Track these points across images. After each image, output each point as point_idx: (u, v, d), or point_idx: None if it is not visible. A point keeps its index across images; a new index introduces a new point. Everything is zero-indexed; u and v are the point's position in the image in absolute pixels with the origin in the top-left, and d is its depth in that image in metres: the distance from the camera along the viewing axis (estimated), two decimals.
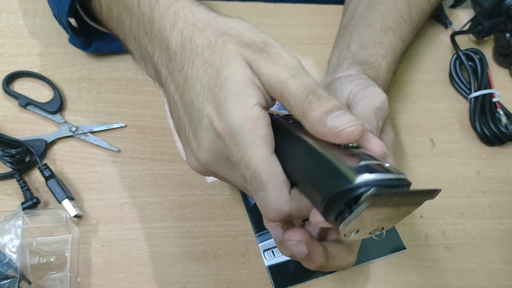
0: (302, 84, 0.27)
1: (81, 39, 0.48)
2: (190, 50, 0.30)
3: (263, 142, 0.28)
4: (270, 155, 0.28)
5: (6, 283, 0.35)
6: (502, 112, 0.56)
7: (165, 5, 0.32)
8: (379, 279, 0.45)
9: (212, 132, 0.29)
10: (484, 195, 0.52)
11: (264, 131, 0.28)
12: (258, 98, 0.28)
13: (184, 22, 0.31)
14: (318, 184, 0.26)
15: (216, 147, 0.29)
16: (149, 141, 0.48)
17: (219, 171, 0.32)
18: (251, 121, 0.27)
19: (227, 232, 0.44)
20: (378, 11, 0.50)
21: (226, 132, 0.28)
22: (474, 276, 0.47)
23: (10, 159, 0.42)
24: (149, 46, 0.34)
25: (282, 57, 0.28)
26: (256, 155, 0.28)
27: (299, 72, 0.28)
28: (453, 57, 0.59)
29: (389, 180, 0.23)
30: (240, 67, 0.28)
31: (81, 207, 0.43)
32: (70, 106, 0.48)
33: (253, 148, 0.28)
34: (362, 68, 0.43)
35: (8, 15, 0.52)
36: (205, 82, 0.29)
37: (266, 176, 0.28)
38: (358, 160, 0.24)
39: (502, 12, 0.58)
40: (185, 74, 0.30)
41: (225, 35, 0.29)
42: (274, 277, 0.43)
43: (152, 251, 0.42)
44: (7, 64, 0.49)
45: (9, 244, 0.37)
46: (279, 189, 0.28)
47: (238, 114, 0.27)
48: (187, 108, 0.31)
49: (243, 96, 0.28)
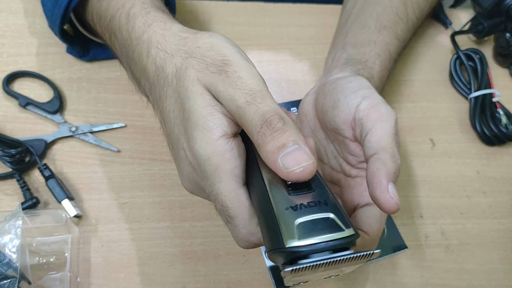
0: (258, 113, 0.26)
1: (78, 48, 0.49)
2: (164, 80, 0.31)
3: (230, 176, 0.28)
4: (238, 189, 0.28)
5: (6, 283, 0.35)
6: (502, 112, 0.56)
7: (139, 32, 0.33)
8: (379, 279, 0.45)
9: (188, 164, 0.30)
10: (484, 195, 0.52)
11: (231, 164, 0.27)
12: (223, 128, 0.27)
13: (157, 49, 0.31)
14: (264, 235, 0.27)
15: (193, 178, 0.30)
16: (148, 141, 0.48)
17: (200, 195, 0.33)
18: (216, 156, 0.27)
19: (227, 232, 0.44)
20: (373, 10, 0.50)
21: (196, 165, 0.28)
22: (474, 276, 0.47)
23: (10, 159, 0.42)
24: (135, 71, 0.35)
25: (240, 78, 0.27)
26: (223, 190, 0.28)
27: (255, 97, 0.26)
28: (453, 57, 0.59)
29: (322, 243, 0.23)
30: (198, 96, 0.28)
31: (81, 207, 0.43)
32: (70, 106, 0.48)
33: (220, 183, 0.28)
34: (355, 69, 0.43)
35: (8, 15, 0.52)
36: (177, 113, 0.29)
37: (233, 211, 0.28)
38: (297, 215, 0.24)
39: (502, 12, 0.58)
40: (162, 104, 0.31)
41: (189, 58, 0.29)
42: (276, 277, 0.43)
43: (151, 251, 0.42)
44: (7, 64, 0.49)
45: (9, 244, 0.37)
46: (247, 222, 0.28)
47: (204, 150, 0.27)
48: (169, 138, 0.32)
49: (207, 130, 0.27)
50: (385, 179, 0.29)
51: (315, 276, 0.25)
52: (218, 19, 0.58)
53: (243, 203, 0.28)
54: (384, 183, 0.29)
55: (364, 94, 0.36)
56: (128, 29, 0.34)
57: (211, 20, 0.57)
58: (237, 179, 0.28)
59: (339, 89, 0.38)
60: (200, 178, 0.29)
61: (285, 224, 0.24)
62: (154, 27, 0.33)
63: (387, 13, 0.49)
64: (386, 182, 0.29)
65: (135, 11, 0.35)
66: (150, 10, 0.35)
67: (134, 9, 0.35)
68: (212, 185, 0.28)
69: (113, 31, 0.37)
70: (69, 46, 0.49)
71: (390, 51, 0.48)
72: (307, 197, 0.26)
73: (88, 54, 0.50)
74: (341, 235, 0.23)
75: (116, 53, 0.40)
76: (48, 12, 0.44)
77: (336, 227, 0.24)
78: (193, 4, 0.58)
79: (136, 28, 0.34)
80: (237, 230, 0.29)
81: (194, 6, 0.58)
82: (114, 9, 0.37)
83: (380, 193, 0.29)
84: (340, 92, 0.38)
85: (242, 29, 0.58)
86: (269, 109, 0.26)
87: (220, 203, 0.28)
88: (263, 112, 0.26)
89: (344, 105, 0.36)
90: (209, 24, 0.57)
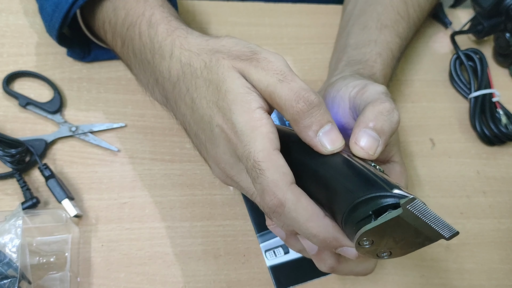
0: (291, 90, 0.29)
1: (78, 50, 0.49)
2: (191, 74, 0.33)
3: (264, 137, 0.29)
4: (272, 149, 0.29)
5: (6, 283, 0.35)
6: (502, 112, 0.56)
7: (163, 37, 0.36)
8: (379, 279, 0.45)
9: (223, 138, 0.31)
10: (484, 195, 0.52)
11: (265, 129, 0.29)
12: (259, 102, 0.30)
13: (181, 49, 0.34)
14: (348, 188, 0.27)
15: (228, 149, 0.31)
16: (149, 141, 0.48)
17: (234, 174, 0.33)
18: (253, 121, 0.29)
19: (227, 232, 0.44)
20: (374, 10, 0.50)
21: (233, 133, 0.30)
22: (474, 276, 0.47)
23: (10, 159, 0.42)
24: (153, 74, 0.37)
25: (270, 62, 0.30)
26: (256, 148, 0.29)
27: (286, 76, 0.29)
28: (453, 57, 0.59)
29: (421, 202, 0.24)
30: (236, 78, 0.30)
31: (81, 207, 0.43)
32: (70, 106, 0.48)
33: (255, 143, 0.29)
34: (355, 69, 0.43)
35: (8, 15, 0.52)
36: (209, 98, 0.32)
37: (265, 164, 0.29)
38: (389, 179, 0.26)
39: (502, 12, 0.58)
40: (191, 96, 0.33)
41: (217, 53, 0.32)
42: (276, 277, 0.43)
43: (152, 251, 0.42)
44: (7, 64, 0.49)
45: (9, 244, 0.37)
46: (278, 175, 0.28)
47: (242, 117, 0.29)
48: (199, 124, 0.33)
49: (245, 102, 0.30)
50: (359, 126, 0.31)
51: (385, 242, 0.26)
52: (218, 19, 0.58)
53: (275, 160, 0.29)
54: (356, 131, 0.31)
55: (354, 84, 0.37)
56: (150, 34, 0.37)
57: (211, 20, 0.57)
58: (272, 142, 0.29)
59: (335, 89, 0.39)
60: (234, 145, 0.30)
61: (384, 180, 0.26)
62: (177, 32, 0.36)
63: (388, 12, 0.50)
64: (358, 130, 0.31)
65: (157, 19, 0.37)
66: (171, 19, 0.37)
67: (155, 17, 0.37)
68: (247, 144, 0.29)
69: (130, 38, 0.39)
70: (69, 50, 0.49)
71: (392, 49, 0.48)
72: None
73: (90, 55, 0.50)
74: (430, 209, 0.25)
75: (126, 60, 0.42)
76: (47, 17, 0.44)
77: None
78: (193, 4, 0.58)
79: (159, 33, 0.36)
80: (266, 182, 0.28)
81: (194, 6, 0.58)
82: (134, 17, 0.38)
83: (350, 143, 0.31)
84: (334, 91, 0.38)
85: (242, 29, 0.57)
86: (302, 86, 0.29)
87: (252, 159, 0.29)
88: (297, 89, 0.29)
89: (339, 100, 0.37)
90: (209, 24, 0.57)
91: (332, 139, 0.29)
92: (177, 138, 0.48)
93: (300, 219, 0.28)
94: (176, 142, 0.48)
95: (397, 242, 0.26)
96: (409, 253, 0.28)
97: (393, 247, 0.27)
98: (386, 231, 0.25)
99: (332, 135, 0.29)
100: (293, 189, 0.28)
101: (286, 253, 0.44)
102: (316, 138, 0.29)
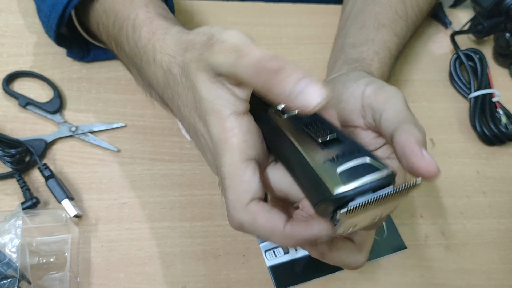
0: (249, 64, 0.26)
1: (77, 50, 0.49)
2: (173, 81, 0.32)
3: (235, 149, 0.28)
4: (240, 162, 0.28)
5: (6, 283, 0.35)
6: (502, 112, 0.56)
7: (145, 41, 0.35)
8: (379, 279, 0.45)
9: (208, 150, 0.31)
10: (484, 195, 0.52)
11: (238, 139, 0.28)
12: (230, 107, 0.29)
13: (161, 54, 0.33)
14: (307, 191, 0.28)
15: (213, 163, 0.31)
16: (148, 141, 0.48)
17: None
18: (225, 131, 0.28)
19: (227, 232, 0.44)
20: (372, 10, 0.50)
21: (212, 146, 0.30)
22: (474, 276, 0.47)
23: (10, 159, 0.42)
24: (145, 78, 0.37)
25: (223, 41, 0.28)
26: (225, 162, 0.29)
27: (241, 50, 0.27)
28: (453, 57, 0.59)
29: (366, 184, 0.24)
30: (204, 82, 0.29)
31: (81, 207, 0.43)
32: (70, 106, 0.48)
33: (225, 156, 0.29)
34: (352, 67, 0.43)
35: (8, 15, 0.52)
36: (190, 106, 0.31)
37: (228, 181, 0.28)
38: (336, 165, 0.26)
39: (502, 12, 0.58)
40: (177, 103, 0.33)
41: (186, 53, 0.31)
42: (276, 277, 0.43)
43: (152, 251, 0.42)
44: (7, 64, 0.49)
45: (9, 244, 0.37)
46: (238, 194, 0.28)
47: (216, 128, 0.29)
48: (190, 131, 0.33)
49: (217, 111, 0.29)
50: (417, 145, 0.29)
51: (364, 218, 0.26)
52: (218, 19, 0.58)
53: (240, 176, 0.28)
54: (418, 149, 0.28)
55: (366, 81, 0.36)
56: (134, 39, 0.36)
57: (211, 20, 0.57)
58: (242, 153, 0.28)
59: (339, 84, 0.38)
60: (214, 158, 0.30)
61: (328, 175, 0.25)
62: (157, 34, 0.34)
63: (386, 12, 0.50)
64: (420, 148, 0.29)
65: (140, 21, 0.36)
66: (154, 19, 0.36)
67: (138, 19, 0.37)
68: (219, 158, 0.29)
69: (120, 42, 0.39)
70: (69, 50, 0.49)
71: (390, 48, 0.48)
72: (340, 149, 0.27)
73: (89, 55, 0.50)
74: (381, 175, 0.25)
75: (123, 61, 0.42)
76: (45, 18, 0.44)
77: (374, 169, 0.25)
78: (193, 4, 0.58)
79: (142, 38, 0.35)
80: (227, 203, 0.29)
81: (194, 6, 0.58)
82: (121, 20, 0.38)
83: (418, 160, 0.28)
84: (341, 86, 0.38)
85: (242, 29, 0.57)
86: (258, 55, 0.26)
87: (221, 175, 0.29)
88: (254, 61, 0.26)
89: (349, 96, 0.36)
90: (209, 24, 0.57)
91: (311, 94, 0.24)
92: (177, 138, 0.48)
93: (261, 235, 0.29)
94: (176, 142, 0.48)
95: (373, 216, 0.27)
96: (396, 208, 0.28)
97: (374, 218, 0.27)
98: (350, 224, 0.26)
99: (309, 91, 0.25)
100: (249, 209, 0.28)
101: (286, 253, 0.44)
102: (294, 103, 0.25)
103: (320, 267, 0.44)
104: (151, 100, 0.38)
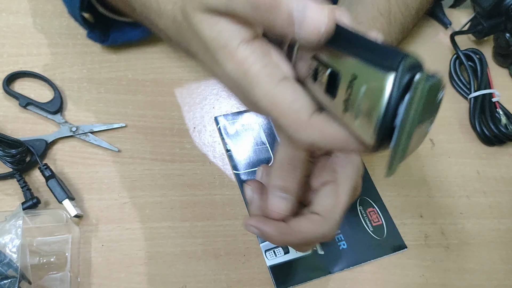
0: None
1: (98, 33, 0.50)
2: (181, 29, 0.32)
3: (259, 79, 0.26)
4: (274, 87, 0.26)
5: (7, 283, 0.35)
6: (501, 112, 0.56)
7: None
8: (379, 279, 0.45)
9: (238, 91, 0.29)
10: (484, 195, 0.52)
11: (256, 67, 0.26)
12: (236, 36, 0.26)
13: (164, 3, 0.34)
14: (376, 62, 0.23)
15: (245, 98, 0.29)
16: (149, 141, 0.48)
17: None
18: (240, 65, 0.26)
19: (228, 232, 0.44)
20: (354, 10, 0.50)
21: (234, 84, 0.28)
22: (474, 276, 0.47)
23: (11, 159, 0.42)
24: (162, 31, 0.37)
25: None
26: (258, 94, 0.26)
27: None
28: (453, 57, 0.60)
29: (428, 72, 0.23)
30: (201, 24, 0.27)
31: (82, 207, 0.43)
32: (71, 106, 0.48)
33: (254, 89, 0.26)
34: None
35: (8, 15, 0.52)
36: (202, 52, 0.29)
37: (275, 112, 0.26)
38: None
39: (502, 12, 0.58)
40: (192, 51, 0.31)
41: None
42: (276, 277, 0.43)
43: (152, 251, 0.42)
44: (7, 64, 0.49)
45: (10, 244, 0.37)
46: (292, 120, 0.26)
47: (230, 64, 0.27)
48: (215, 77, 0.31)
49: (223, 47, 0.26)
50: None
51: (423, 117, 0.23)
52: None
53: (283, 100, 0.26)
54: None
55: None
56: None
57: None
58: (269, 77, 0.26)
59: None
60: (249, 99, 0.28)
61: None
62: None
63: (367, 11, 0.50)
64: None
65: None
66: None
67: None
68: (249, 93, 0.27)
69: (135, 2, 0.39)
70: (90, 31, 0.49)
71: None
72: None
73: (108, 39, 0.51)
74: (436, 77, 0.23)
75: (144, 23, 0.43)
76: None
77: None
78: None
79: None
80: (288, 131, 0.26)
81: None
82: None
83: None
84: None
85: None
86: None
87: (264, 109, 0.26)
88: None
89: None
90: None
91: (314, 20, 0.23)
92: (177, 138, 0.48)
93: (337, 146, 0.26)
94: (176, 142, 0.48)
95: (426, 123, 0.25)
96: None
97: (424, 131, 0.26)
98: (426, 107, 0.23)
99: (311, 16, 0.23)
100: (312, 125, 0.26)
101: (286, 253, 0.44)
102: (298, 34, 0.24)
103: (320, 267, 0.44)
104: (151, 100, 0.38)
